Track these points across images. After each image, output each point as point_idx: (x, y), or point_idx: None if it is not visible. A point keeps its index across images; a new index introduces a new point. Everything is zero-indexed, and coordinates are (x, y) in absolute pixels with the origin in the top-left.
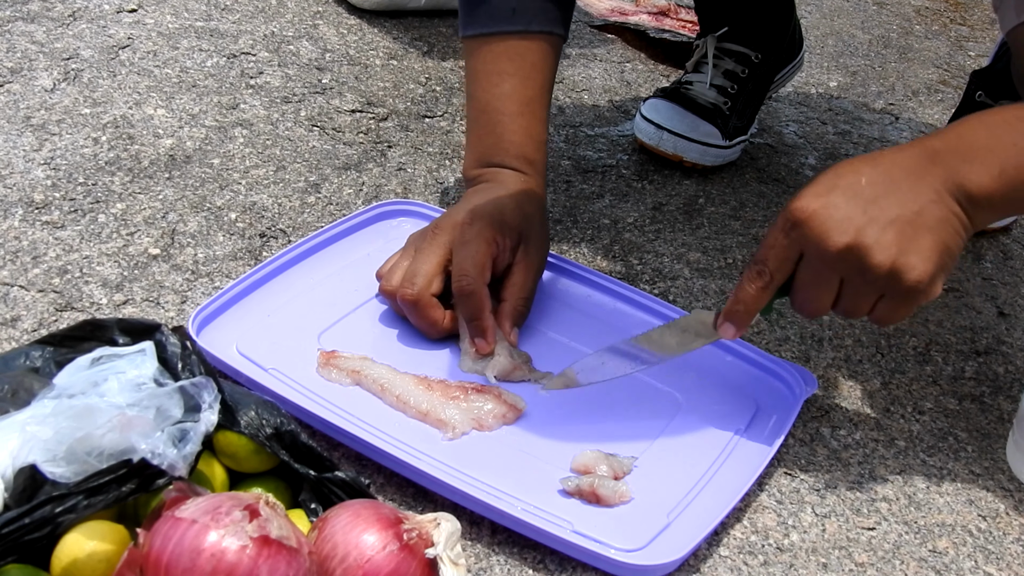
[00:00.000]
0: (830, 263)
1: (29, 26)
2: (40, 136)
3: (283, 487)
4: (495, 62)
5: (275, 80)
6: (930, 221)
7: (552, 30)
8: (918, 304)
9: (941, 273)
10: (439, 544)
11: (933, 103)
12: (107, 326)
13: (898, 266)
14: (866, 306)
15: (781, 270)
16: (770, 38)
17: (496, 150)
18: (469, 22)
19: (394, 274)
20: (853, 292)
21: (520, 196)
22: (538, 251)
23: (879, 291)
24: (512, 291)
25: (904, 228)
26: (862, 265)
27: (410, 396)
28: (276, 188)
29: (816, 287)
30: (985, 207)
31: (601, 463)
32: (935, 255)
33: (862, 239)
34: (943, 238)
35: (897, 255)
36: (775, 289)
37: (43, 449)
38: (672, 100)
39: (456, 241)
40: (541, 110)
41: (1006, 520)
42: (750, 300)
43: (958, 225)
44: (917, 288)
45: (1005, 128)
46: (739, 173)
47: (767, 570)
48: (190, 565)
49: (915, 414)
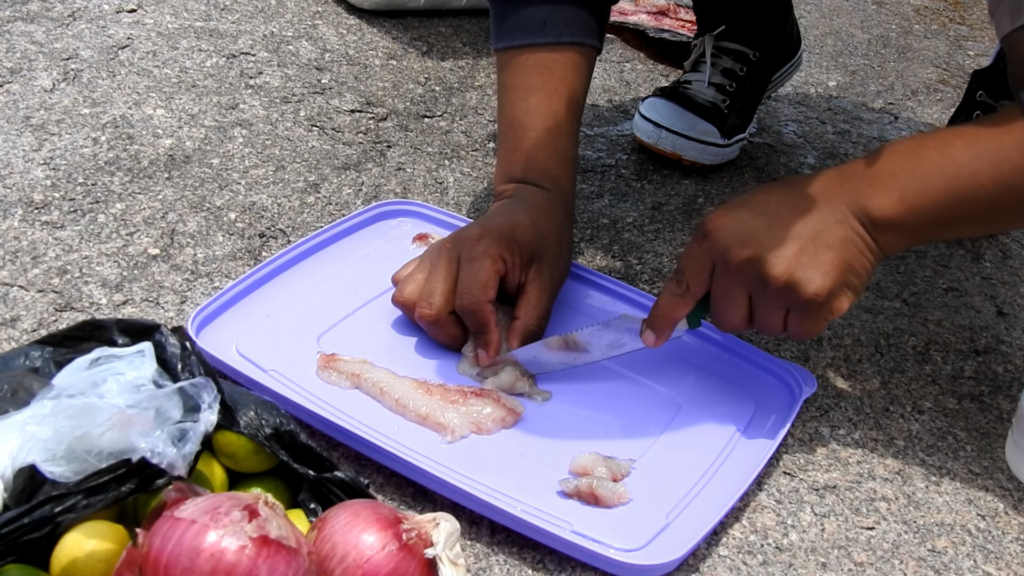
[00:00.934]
0: (733, 274)
1: (29, 26)
2: (39, 136)
3: (282, 487)
4: (524, 76)
5: (274, 80)
6: (831, 239)
7: (584, 41)
8: (823, 318)
9: (843, 289)
10: (438, 544)
11: (932, 102)
12: (106, 326)
13: (795, 279)
14: (776, 320)
15: (696, 279)
16: (768, 36)
17: (521, 166)
18: (501, 35)
19: (407, 285)
20: (760, 305)
21: (537, 214)
22: (553, 269)
23: (783, 304)
24: (525, 310)
25: (805, 244)
26: (762, 277)
27: (409, 400)
28: (275, 188)
29: (725, 299)
30: (888, 230)
31: (599, 465)
32: (834, 271)
33: (761, 252)
34: (844, 256)
35: (795, 268)
36: (693, 300)
37: (42, 449)
38: (671, 99)
39: (464, 258)
40: (569, 125)
41: (1005, 519)
42: (667, 309)
43: (862, 245)
44: (815, 301)
45: (908, 156)
46: (738, 173)
47: (766, 570)
48: (189, 565)
49: (914, 413)
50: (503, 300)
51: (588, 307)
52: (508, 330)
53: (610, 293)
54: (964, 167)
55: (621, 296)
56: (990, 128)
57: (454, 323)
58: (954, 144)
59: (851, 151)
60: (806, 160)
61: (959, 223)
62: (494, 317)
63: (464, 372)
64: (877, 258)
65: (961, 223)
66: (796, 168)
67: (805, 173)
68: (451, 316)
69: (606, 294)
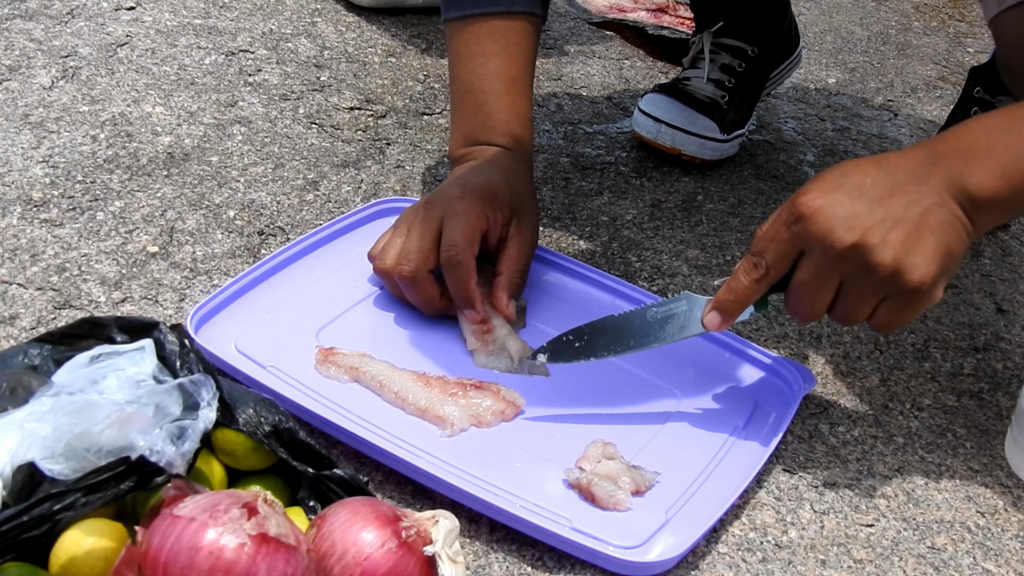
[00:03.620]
0: (833, 261)
1: (27, 24)
2: (38, 134)
3: (281, 485)
4: (479, 43)
5: (273, 78)
6: (933, 223)
7: (533, 11)
8: (920, 308)
9: (943, 276)
10: (438, 541)
11: (932, 99)
12: (105, 324)
13: (902, 266)
14: (866, 309)
15: (778, 264)
16: (766, 32)
17: (483, 129)
18: (450, 5)
19: (387, 252)
20: (854, 294)
21: (510, 172)
22: (530, 226)
23: (881, 293)
24: (507, 264)
25: (909, 229)
26: (866, 264)
27: (408, 392)
28: (275, 186)
29: (815, 286)
30: (988, 209)
31: (624, 474)
32: (938, 257)
33: (868, 238)
34: (946, 241)
35: (902, 255)
36: (770, 284)
37: (41, 446)
38: (670, 94)
39: (447, 214)
40: (526, 88)
41: (1004, 516)
42: (743, 292)
43: (960, 229)
44: (920, 289)
45: (1004, 130)
46: (738, 170)
47: (766, 567)
48: (188, 563)
49: (913, 410)
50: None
51: (588, 305)
52: (492, 286)
53: (609, 290)
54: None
55: (620, 293)
56: None
57: (432, 283)
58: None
59: (851, 148)
60: (806, 157)
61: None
62: (475, 274)
63: (483, 364)
64: (972, 239)
65: None
66: (795, 165)
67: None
68: (429, 275)
69: (605, 291)
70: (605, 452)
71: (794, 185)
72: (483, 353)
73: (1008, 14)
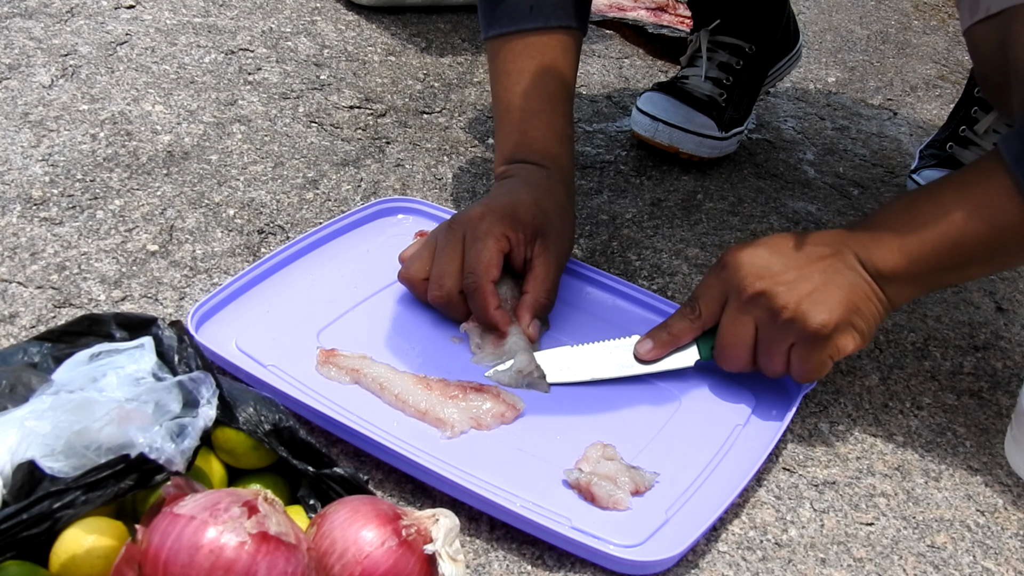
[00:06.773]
0: (744, 304)
1: (27, 22)
2: (38, 132)
3: (281, 483)
4: (515, 61)
5: (273, 76)
6: (841, 281)
7: (570, 24)
8: (825, 355)
9: (849, 328)
10: (438, 540)
11: (931, 98)
12: (104, 320)
13: (804, 310)
14: (780, 356)
15: (709, 308)
16: (763, 29)
17: (520, 147)
18: (489, 23)
19: (413, 263)
20: (767, 340)
21: (540, 191)
22: (558, 244)
23: (788, 337)
24: (533, 284)
25: (817, 283)
26: (772, 308)
27: (409, 395)
28: (274, 184)
29: (733, 330)
30: (893, 280)
31: (623, 475)
32: (841, 307)
33: (775, 286)
34: (852, 297)
35: (805, 300)
36: (703, 327)
37: (41, 444)
38: (668, 93)
39: (468, 237)
40: (563, 104)
41: (1004, 515)
42: (676, 330)
43: (870, 292)
44: (820, 333)
45: (905, 212)
46: (737, 168)
47: (765, 565)
48: (188, 561)
49: (913, 409)
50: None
51: (587, 304)
52: (518, 304)
53: (609, 290)
54: (955, 215)
55: (620, 292)
56: (975, 174)
57: (463, 303)
58: (943, 195)
59: (850, 147)
60: (805, 156)
61: (962, 267)
62: (495, 298)
63: (477, 363)
64: (886, 308)
65: (964, 267)
66: (795, 164)
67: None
68: (460, 296)
69: (605, 291)
70: (605, 453)
71: (794, 184)
72: (487, 354)
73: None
